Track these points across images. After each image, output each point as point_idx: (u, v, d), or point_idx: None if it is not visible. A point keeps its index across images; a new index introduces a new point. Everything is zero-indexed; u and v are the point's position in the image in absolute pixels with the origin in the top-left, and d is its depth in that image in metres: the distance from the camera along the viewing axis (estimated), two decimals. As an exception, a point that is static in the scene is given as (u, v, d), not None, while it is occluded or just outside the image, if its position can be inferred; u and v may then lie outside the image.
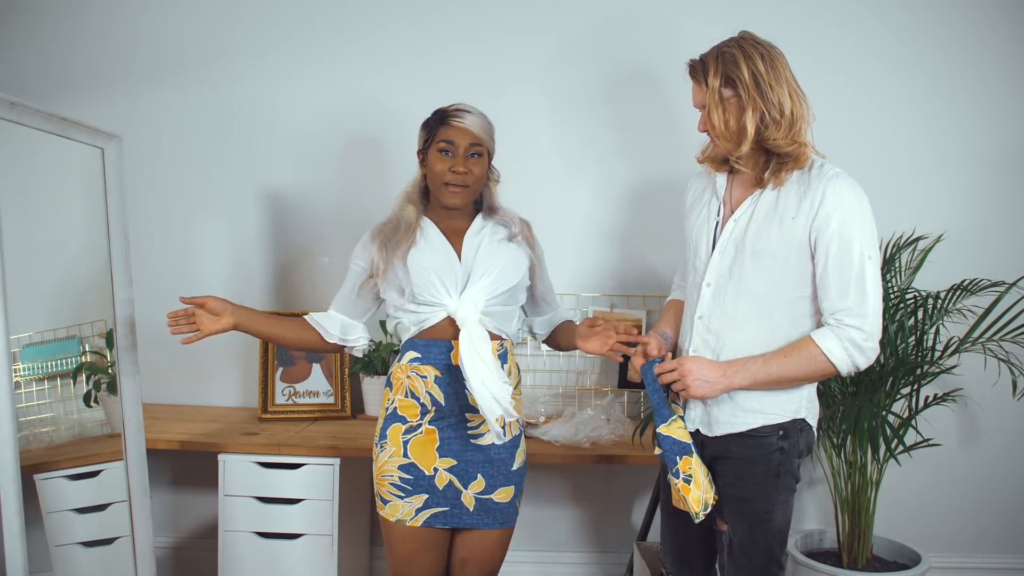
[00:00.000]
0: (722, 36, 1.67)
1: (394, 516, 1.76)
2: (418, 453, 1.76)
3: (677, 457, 1.66)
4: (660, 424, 1.69)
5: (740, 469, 1.67)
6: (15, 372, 1.83)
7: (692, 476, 1.64)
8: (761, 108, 1.56)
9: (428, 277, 1.73)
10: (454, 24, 2.71)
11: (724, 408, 1.67)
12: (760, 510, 1.67)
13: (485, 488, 1.78)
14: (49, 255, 2.19)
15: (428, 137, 1.80)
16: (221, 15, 2.75)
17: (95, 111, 2.58)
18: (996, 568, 2.78)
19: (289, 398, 2.65)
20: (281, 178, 2.77)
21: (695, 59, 1.65)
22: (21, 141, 1.84)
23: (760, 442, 1.66)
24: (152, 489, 2.19)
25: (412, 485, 1.75)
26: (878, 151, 2.68)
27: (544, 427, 2.48)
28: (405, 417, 1.77)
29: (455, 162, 1.75)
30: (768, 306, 1.63)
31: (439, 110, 1.81)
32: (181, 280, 2.79)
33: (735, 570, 1.71)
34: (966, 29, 2.66)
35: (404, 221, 1.79)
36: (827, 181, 1.57)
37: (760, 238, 1.61)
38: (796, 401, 1.67)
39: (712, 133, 1.63)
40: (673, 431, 1.67)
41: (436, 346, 1.76)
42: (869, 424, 2.10)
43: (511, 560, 2.83)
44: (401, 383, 1.79)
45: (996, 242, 2.68)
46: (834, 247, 1.55)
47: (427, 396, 1.76)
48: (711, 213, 1.73)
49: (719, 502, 1.71)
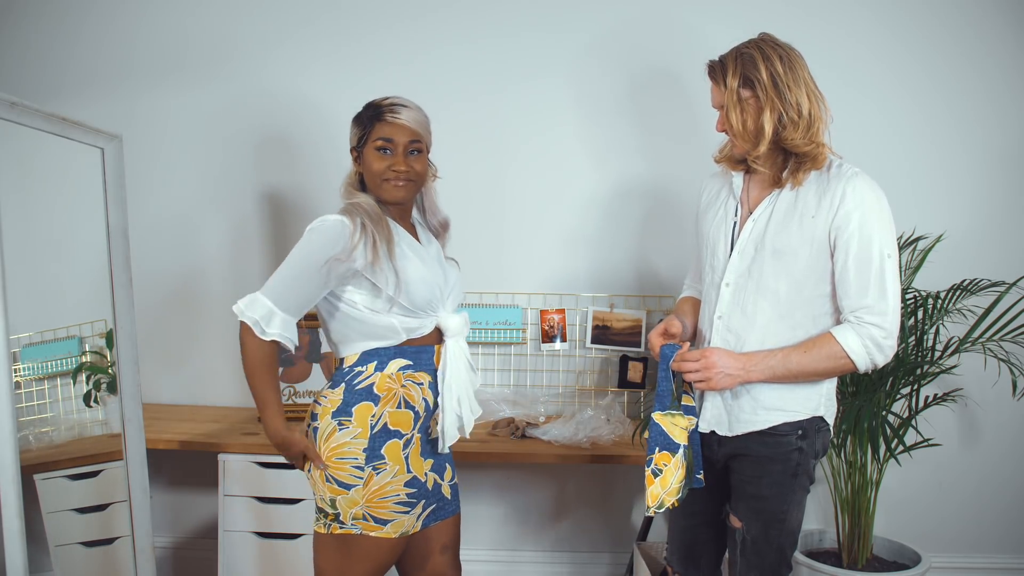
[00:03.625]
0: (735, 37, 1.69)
1: (398, 532, 1.65)
2: (415, 463, 1.69)
3: (657, 448, 1.64)
4: (657, 410, 1.66)
5: (758, 467, 1.67)
6: (15, 372, 1.83)
7: (662, 472, 1.62)
8: (779, 109, 1.58)
9: (424, 292, 1.65)
10: (453, 25, 2.70)
11: (745, 406, 1.66)
12: (776, 509, 1.67)
13: (452, 475, 1.79)
14: (49, 255, 2.20)
15: (363, 134, 1.68)
16: (222, 15, 2.74)
17: (95, 111, 2.59)
18: (996, 568, 2.78)
19: (289, 398, 2.65)
20: (281, 178, 2.77)
21: (714, 60, 1.66)
22: (21, 141, 1.84)
23: (779, 440, 1.66)
24: (152, 489, 2.19)
25: (416, 496, 1.68)
26: (878, 151, 2.68)
27: (544, 427, 2.48)
28: (399, 431, 1.66)
29: (394, 161, 1.66)
30: (788, 305, 1.63)
31: (372, 104, 1.69)
32: (181, 280, 2.79)
33: (747, 568, 1.72)
34: (966, 29, 2.66)
35: (374, 212, 1.65)
36: (847, 180, 1.59)
37: (780, 237, 1.62)
38: (816, 398, 1.67)
39: (730, 132, 1.64)
40: (666, 424, 1.64)
41: (426, 352, 1.70)
42: (869, 424, 2.10)
43: (511, 560, 2.84)
44: (394, 393, 1.65)
45: (996, 242, 2.68)
46: (854, 245, 1.56)
47: (422, 403, 1.69)
48: (728, 213, 1.73)
49: (734, 499, 1.72)
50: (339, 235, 1.59)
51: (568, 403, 2.72)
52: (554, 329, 2.70)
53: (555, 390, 2.74)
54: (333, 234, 1.60)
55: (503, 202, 2.75)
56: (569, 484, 2.81)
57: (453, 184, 2.70)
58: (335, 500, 1.63)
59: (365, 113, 1.70)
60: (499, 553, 2.82)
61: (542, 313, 2.70)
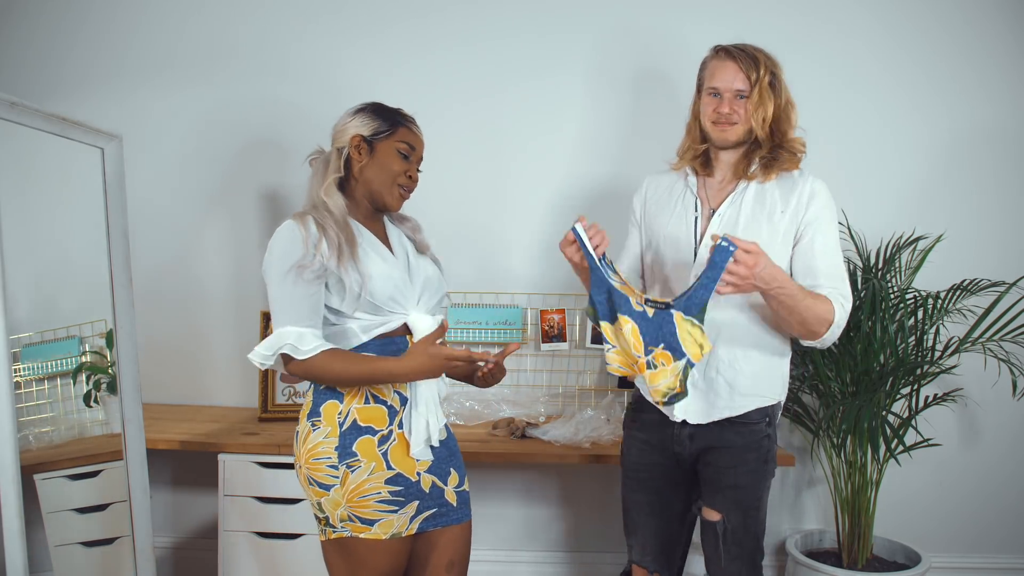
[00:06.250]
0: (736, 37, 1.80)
1: (387, 533, 1.61)
2: (399, 460, 1.63)
3: (662, 344, 1.59)
4: (679, 309, 1.59)
5: (734, 457, 1.75)
6: (15, 372, 1.83)
7: (656, 368, 1.60)
8: (780, 105, 1.76)
9: (387, 289, 1.62)
10: (453, 25, 2.71)
11: (722, 392, 1.74)
12: (752, 497, 1.77)
13: (459, 480, 1.74)
14: (49, 255, 2.20)
15: (386, 130, 1.68)
16: (222, 15, 2.75)
17: (95, 111, 2.59)
18: (996, 568, 2.78)
19: (289, 398, 2.65)
20: (281, 178, 2.77)
21: (739, 47, 1.76)
22: (21, 141, 1.84)
23: (752, 429, 1.76)
24: (152, 489, 2.19)
25: (403, 495, 1.63)
26: (878, 151, 2.68)
27: (544, 427, 2.48)
28: (372, 427, 1.61)
29: (411, 168, 1.70)
30: (757, 294, 1.70)
31: (388, 107, 1.71)
32: (181, 280, 2.79)
33: (729, 560, 1.76)
34: (964, 29, 2.66)
35: (340, 216, 1.62)
36: (812, 181, 1.77)
37: (750, 231, 1.74)
38: (780, 382, 1.80)
39: (743, 117, 1.74)
40: (683, 328, 1.58)
41: (394, 343, 1.65)
42: (869, 424, 2.10)
43: (510, 560, 2.85)
44: (358, 389, 1.62)
45: (996, 242, 2.68)
46: (819, 236, 1.74)
47: (395, 396, 1.64)
48: (688, 210, 1.82)
49: (709, 492, 1.77)
50: (292, 242, 1.56)
51: (568, 403, 2.72)
52: (554, 329, 2.70)
53: (555, 390, 2.74)
54: (286, 243, 1.57)
55: (503, 202, 2.75)
56: (569, 484, 2.81)
57: (454, 184, 2.72)
58: (320, 503, 1.62)
59: (386, 112, 1.70)
60: (499, 553, 2.82)
61: (542, 313, 2.70)
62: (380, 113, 1.70)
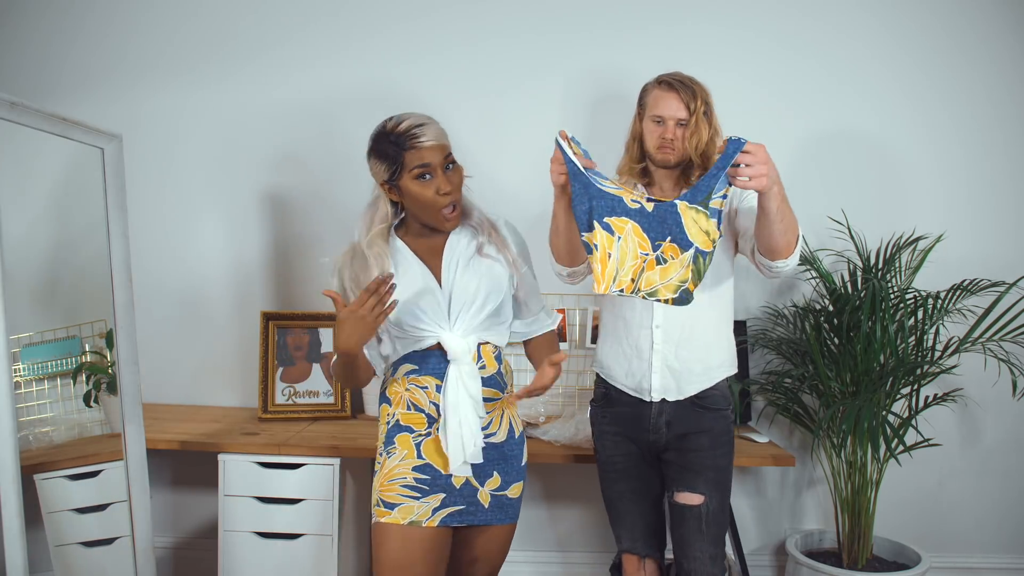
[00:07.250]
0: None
1: (407, 519, 1.66)
2: (432, 454, 1.71)
3: (669, 237, 1.58)
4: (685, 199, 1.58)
5: (714, 439, 1.90)
6: (15, 372, 1.83)
7: (666, 262, 1.59)
8: (711, 132, 1.89)
9: (411, 311, 1.68)
10: (451, 26, 2.71)
11: (695, 368, 1.90)
12: (727, 477, 1.94)
13: (501, 485, 1.76)
14: (49, 255, 2.19)
15: (394, 167, 1.63)
16: (222, 15, 2.75)
17: (95, 111, 2.59)
18: (996, 568, 2.78)
19: (289, 398, 2.65)
20: (281, 178, 2.77)
21: (680, 78, 1.89)
22: (21, 141, 1.84)
23: (724, 414, 1.92)
24: (152, 489, 2.18)
25: (429, 485, 1.69)
26: (878, 151, 2.68)
27: (544, 427, 2.48)
28: (411, 427, 1.73)
29: (439, 183, 1.63)
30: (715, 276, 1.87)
31: (386, 133, 1.64)
32: (181, 280, 2.79)
33: (710, 542, 1.87)
34: (965, 30, 2.66)
35: (373, 259, 1.67)
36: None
37: None
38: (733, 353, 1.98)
39: (681, 143, 1.87)
40: (687, 216, 1.57)
41: (433, 356, 1.72)
42: (869, 424, 2.10)
43: (510, 560, 2.83)
44: (400, 397, 1.74)
45: (996, 242, 2.68)
46: (748, 202, 1.87)
47: (431, 406, 1.71)
48: None
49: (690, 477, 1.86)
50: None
51: (568, 403, 2.72)
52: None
53: (555, 390, 2.74)
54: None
55: (504, 202, 2.73)
56: (569, 484, 2.81)
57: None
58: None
59: (386, 145, 1.64)
60: (499, 553, 2.81)
61: (542, 313, 2.69)
62: (381, 152, 1.65)
